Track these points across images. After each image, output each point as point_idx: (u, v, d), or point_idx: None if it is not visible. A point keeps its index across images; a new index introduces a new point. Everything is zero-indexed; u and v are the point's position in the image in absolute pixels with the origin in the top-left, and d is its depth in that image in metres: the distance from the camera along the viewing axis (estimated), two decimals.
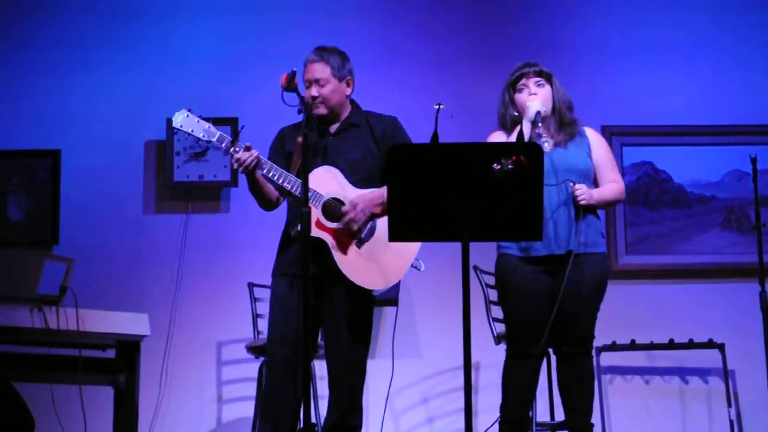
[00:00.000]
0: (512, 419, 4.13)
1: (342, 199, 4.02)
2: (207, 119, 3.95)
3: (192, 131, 3.91)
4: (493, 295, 4.83)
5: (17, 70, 5.79)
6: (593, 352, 4.20)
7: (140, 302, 5.32)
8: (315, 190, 3.95)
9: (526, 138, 4.02)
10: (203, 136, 3.91)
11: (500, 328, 4.80)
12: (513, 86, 4.22)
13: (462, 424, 3.34)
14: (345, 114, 4.19)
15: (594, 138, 4.28)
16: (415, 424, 5.59)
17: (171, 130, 5.61)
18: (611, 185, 4.21)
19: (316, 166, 4.03)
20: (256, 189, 4.08)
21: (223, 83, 5.75)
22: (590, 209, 4.14)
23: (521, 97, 4.18)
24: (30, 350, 4.18)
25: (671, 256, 5.77)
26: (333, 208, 3.99)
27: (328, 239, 3.97)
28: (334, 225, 3.98)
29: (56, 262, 4.16)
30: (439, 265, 5.25)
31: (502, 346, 4.68)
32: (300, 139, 3.80)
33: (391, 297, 5.32)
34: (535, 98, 4.12)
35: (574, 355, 4.14)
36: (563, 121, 4.20)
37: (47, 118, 5.76)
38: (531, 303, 4.07)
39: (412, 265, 4.11)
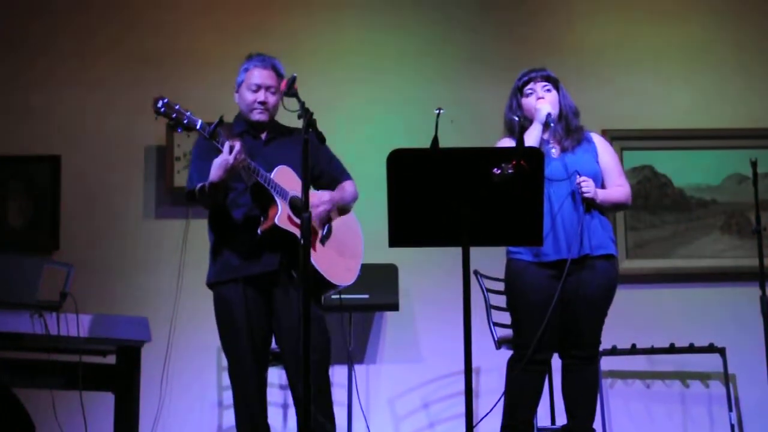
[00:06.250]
0: (517, 425, 4.08)
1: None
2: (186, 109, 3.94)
3: (174, 116, 3.90)
4: (494, 299, 4.84)
5: (17, 75, 5.78)
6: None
7: (141, 307, 5.31)
8: (281, 187, 4.01)
9: (538, 141, 4.02)
10: (185, 122, 3.89)
11: (501, 332, 4.80)
12: (520, 91, 4.22)
13: (463, 429, 3.33)
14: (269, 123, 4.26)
15: (600, 143, 4.28)
16: (416, 428, 5.58)
17: (171, 136, 5.62)
18: (617, 188, 4.20)
19: (271, 167, 4.05)
20: (221, 189, 4.00)
21: (222, 89, 5.74)
22: (599, 210, 4.12)
23: (529, 101, 4.17)
24: (30, 356, 4.18)
25: (671, 260, 5.76)
26: (297, 205, 4.01)
27: (299, 234, 3.98)
28: None
29: (56, 268, 4.16)
30: (440, 269, 5.26)
31: (503, 351, 4.68)
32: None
33: (391, 302, 5.33)
34: (544, 101, 4.11)
35: (580, 360, 4.11)
36: (569, 127, 4.19)
37: (47, 123, 5.76)
38: (540, 308, 4.00)
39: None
